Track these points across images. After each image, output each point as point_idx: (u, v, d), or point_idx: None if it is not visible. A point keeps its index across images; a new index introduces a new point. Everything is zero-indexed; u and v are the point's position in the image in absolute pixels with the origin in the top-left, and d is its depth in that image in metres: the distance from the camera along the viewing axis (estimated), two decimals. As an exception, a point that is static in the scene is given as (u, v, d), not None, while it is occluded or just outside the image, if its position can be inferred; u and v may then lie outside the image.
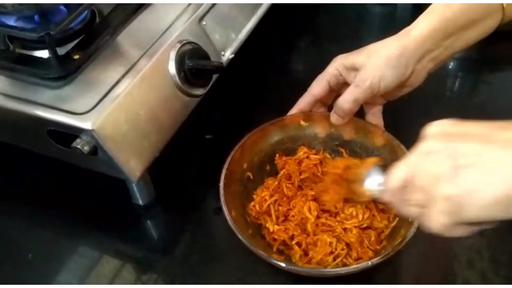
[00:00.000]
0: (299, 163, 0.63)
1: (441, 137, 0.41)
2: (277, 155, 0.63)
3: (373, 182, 0.52)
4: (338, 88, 0.63)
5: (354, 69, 0.59)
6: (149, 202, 0.63)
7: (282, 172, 0.62)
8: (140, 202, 0.63)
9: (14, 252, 0.61)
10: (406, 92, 0.61)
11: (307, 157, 0.64)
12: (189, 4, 0.64)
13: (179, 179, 0.65)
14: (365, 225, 0.57)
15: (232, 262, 0.57)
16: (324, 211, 0.58)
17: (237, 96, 0.75)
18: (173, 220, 0.63)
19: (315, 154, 0.64)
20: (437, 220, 0.40)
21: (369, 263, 0.50)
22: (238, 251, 0.55)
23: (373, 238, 0.55)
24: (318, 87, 0.62)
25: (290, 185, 0.61)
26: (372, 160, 0.56)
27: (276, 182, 0.61)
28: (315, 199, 0.59)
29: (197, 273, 0.57)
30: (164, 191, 0.64)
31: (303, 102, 0.64)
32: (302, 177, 0.62)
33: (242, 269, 0.57)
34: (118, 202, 0.64)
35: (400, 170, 0.43)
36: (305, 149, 0.64)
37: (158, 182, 0.63)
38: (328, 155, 0.64)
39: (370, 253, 0.54)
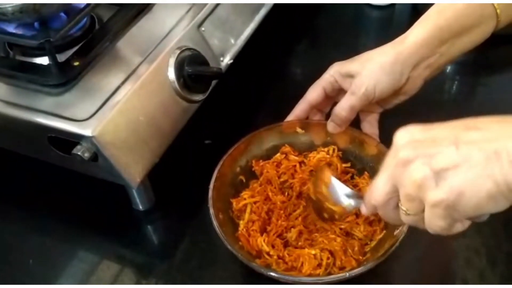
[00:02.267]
0: (278, 165, 0.63)
1: (412, 145, 0.41)
2: (253, 161, 0.62)
3: (343, 197, 0.53)
4: (334, 95, 0.63)
5: (350, 76, 0.60)
6: (149, 207, 0.63)
7: (261, 178, 0.62)
8: (140, 207, 0.63)
9: (13, 257, 0.61)
10: (402, 100, 0.62)
11: (286, 157, 0.63)
12: (188, 10, 0.65)
13: (179, 184, 0.66)
14: (344, 226, 0.56)
15: (231, 267, 0.57)
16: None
17: (236, 101, 0.75)
18: (173, 225, 0.63)
19: (298, 154, 0.63)
20: (434, 224, 0.41)
21: (347, 274, 0.50)
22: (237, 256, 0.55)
23: (356, 248, 0.55)
24: (313, 93, 0.63)
25: (274, 189, 0.61)
26: (325, 174, 0.55)
27: (260, 186, 0.61)
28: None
29: (197, 277, 0.57)
30: (163, 196, 0.64)
31: (299, 109, 0.64)
32: (281, 180, 0.62)
33: (241, 274, 0.57)
34: (118, 207, 0.64)
35: (383, 184, 0.44)
36: (288, 148, 0.63)
37: (157, 187, 0.63)
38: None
39: (353, 263, 0.53)
